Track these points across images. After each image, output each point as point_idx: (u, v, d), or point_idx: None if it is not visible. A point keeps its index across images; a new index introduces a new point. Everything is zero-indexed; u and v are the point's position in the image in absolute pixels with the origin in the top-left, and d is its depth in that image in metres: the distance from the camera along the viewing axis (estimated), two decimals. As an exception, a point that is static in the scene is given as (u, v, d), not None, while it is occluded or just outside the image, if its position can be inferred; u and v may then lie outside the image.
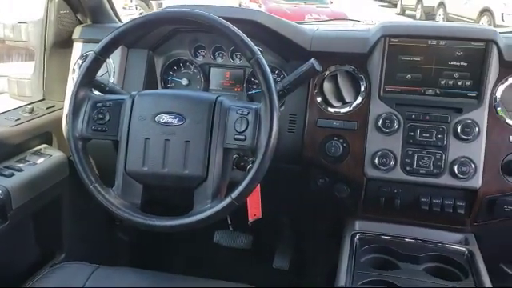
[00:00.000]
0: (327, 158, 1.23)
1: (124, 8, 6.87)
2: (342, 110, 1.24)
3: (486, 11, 8.53)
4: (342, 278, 1.04)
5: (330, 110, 1.25)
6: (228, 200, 0.98)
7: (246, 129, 1.01)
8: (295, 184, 1.34)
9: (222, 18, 1.01)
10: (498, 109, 1.15)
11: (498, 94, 1.15)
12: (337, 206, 1.30)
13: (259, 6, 8.04)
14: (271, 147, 0.98)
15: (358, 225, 1.26)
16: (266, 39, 1.31)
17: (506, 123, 1.14)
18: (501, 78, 1.15)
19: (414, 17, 11.32)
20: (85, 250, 1.58)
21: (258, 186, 1.19)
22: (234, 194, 0.98)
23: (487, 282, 1.03)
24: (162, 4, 6.83)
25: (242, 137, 1.01)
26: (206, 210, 1.00)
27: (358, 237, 1.20)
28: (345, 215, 1.30)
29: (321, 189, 1.28)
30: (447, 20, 9.68)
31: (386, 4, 13.97)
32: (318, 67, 1.10)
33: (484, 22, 8.50)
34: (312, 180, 1.29)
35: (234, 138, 1.02)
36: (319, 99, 1.26)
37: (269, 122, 0.98)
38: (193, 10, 1.00)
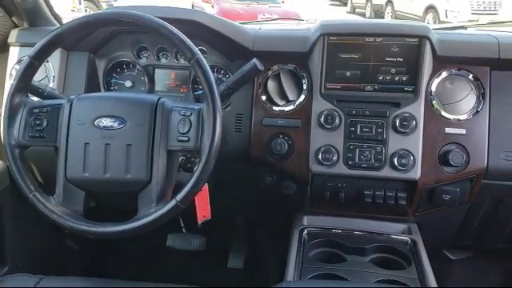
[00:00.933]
0: (273, 156, 1.24)
1: (73, 10, 6.66)
2: (286, 109, 1.26)
3: (430, 8, 8.88)
4: (290, 273, 1.06)
5: (275, 108, 1.26)
6: (173, 203, 0.98)
7: (188, 130, 1.01)
8: (245, 183, 1.35)
9: (160, 18, 1.00)
10: (434, 102, 1.19)
11: (433, 87, 1.20)
12: (285, 202, 1.32)
13: (212, 7, 8.02)
14: (215, 148, 0.98)
15: (306, 220, 1.28)
16: (209, 39, 1.31)
17: (441, 116, 1.19)
18: (435, 73, 1.20)
19: (364, 15, 11.61)
20: (31, 261, 1.52)
21: (206, 187, 1.20)
22: (179, 197, 0.98)
23: (428, 268, 1.07)
24: (112, 5, 6.68)
25: (186, 138, 1.01)
26: (151, 213, 0.98)
27: (305, 232, 1.22)
28: (293, 211, 1.32)
29: (269, 186, 1.29)
30: (395, 17, 9.99)
31: (337, 3, 14.27)
32: (261, 66, 1.11)
33: (430, 19, 8.85)
34: (260, 178, 1.30)
35: (178, 139, 1.01)
36: (264, 98, 1.27)
37: (212, 122, 0.98)
38: (128, 11, 0.98)
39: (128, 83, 1.41)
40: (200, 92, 1.39)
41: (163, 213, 0.97)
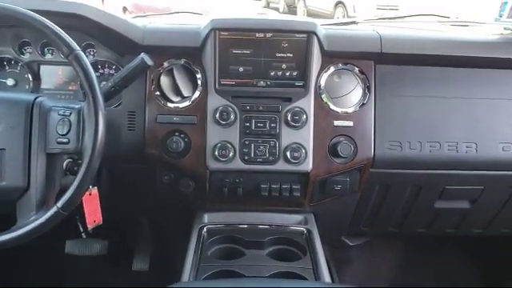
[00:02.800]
0: (170, 154, 1.22)
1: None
2: (181, 105, 1.23)
3: (339, 3, 9.23)
4: (186, 273, 1.04)
5: (170, 105, 1.23)
6: (54, 210, 0.92)
7: (68, 131, 0.95)
8: (142, 183, 1.30)
9: (38, 11, 0.93)
10: (323, 96, 1.23)
11: (322, 82, 1.23)
12: (185, 200, 1.30)
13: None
14: (98, 148, 0.94)
15: (206, 217, 1.27)
16: (97, 34, 1.24)
17: (330, 109, 1.23)
18: (323, 67, 1.24)
19: (278, 9, 11.82)
20: None
21: (95, 191, 1.14)
22: (61, 203, 0.92)
23: (321, 257, 1.11)
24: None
25: (65, 140, 0.95)
26: (30, 223, 0.92)
27: (205, 229, 1.21)
28: (194, 209, 1.30)
29: (167, 185, 1.26)
30: (307, 13, 10.28)
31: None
32: (149, 62, 1.08)
33: (339, 14, 9.20)
34: (157, 177, 1.26)
35: (57, 141, 0.95)
36: (157, 94, 1.23)
37: (93, 121, 0.93)
38: None
39: (10, 81, 1.30)
40: None
41: (43, 221, 0.91)
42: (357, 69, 1.24)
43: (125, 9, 8.49)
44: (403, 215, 1.42)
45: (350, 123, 1.23)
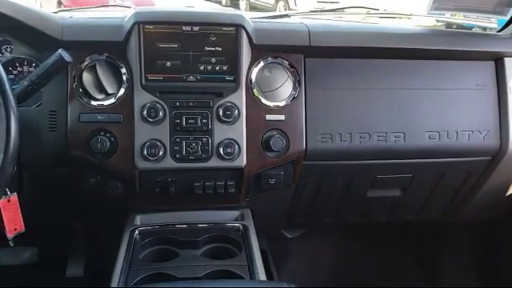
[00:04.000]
0: (95, 155, 1.16)
1: None
2: (106, 103, 1.17)
3: (281, -4, 9.29)
4: (115, 279, 1.00)
5: (93, 103, 1.17)
6: None
7: None
8: (68, 186, 1.24)
9: None
10: (254, 90, 1.22)
11: (253, 76, 1.22)
12: (115, 202, 1.25)
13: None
14: (11, 152, 0.87)
15: (138, 219, 1.23)
16: (12, 29, 1.16)
17: (262, 103, 1.22)
18: (254, 61, 1.22)
19: (220, 3, 11.72)
20: None
21: (15, 197, 1.07)
22: None
23: (257, 253, 1.10)
24: None
25: None
26: None
27: (137, 231, 1.17)
28: (125, 211, 1.25)
29: (94, 188, 1.21)
30: (249, 7, 10.25)
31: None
32: (68, 58, 1.02)
33: (281, 7, 9.26)
34: (83, 180, 1.20)
35: None
36: (80, 92, 1.17)
37: (5, 123, 0.86)
38: None
39: None
40: None
41: None
42: (286, 62, 1.24)
43: (60, 3, 8.11)
44: (338, 205, 1.44)
45: (282, 117, 1.22)
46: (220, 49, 1.18)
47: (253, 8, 9.91)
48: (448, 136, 1.28)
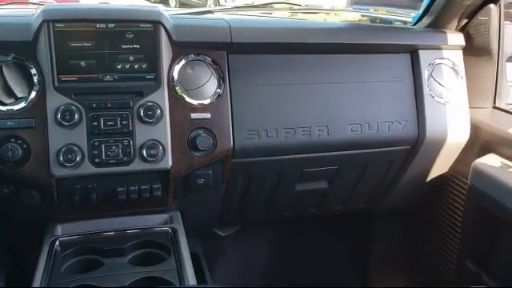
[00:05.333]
0: (5, 164, 1.07)
1: None
2: (16, 107, 1.09)
3: (211, -8, 9.20)
4: None
5: (2, 108, 1.08)
6: None
7: None
8: None
9: None
10: (177, 88, 1.18)
11: (175, 74, 1.18)
12: (33, 213, 1.16)
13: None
14: None
15: (59, 229, 1.16)
16: None
17: (186, 102, 1.19)
18: (175, 59, 1.18)
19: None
20: None
21: None
22: None
23: (186, 256, 1.08)
24: None
25: None
26: None
27: (58, 243, 1.10)
28: (47, 221, 1.17)
29: (7, 199, 1.12)
30: (179, 4, 10.06)
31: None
32: None
33: (210, 3, 9.18)
34: None
35: None
36: None
37: None
38: None
39: None
40: None
41: None
42: (209, 59, 1.22)
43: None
44: (268, 201, 1.45)
45: (208, 115, 1.20)
46: (138, 46, 1.13)
47: (182, 5, 9.74)
48: (369, 128, 1.32)
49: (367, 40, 1.35)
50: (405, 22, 1.89)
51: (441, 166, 1.48)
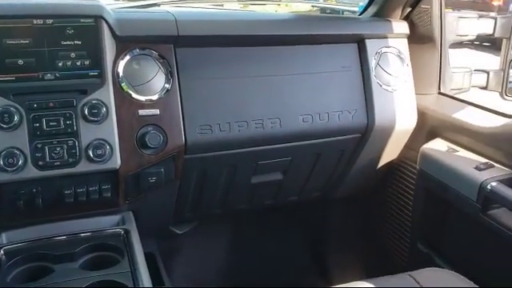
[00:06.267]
0: None
1: None
2: None
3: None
4: None
5: None
6: None
7: None
8: None
9: None
10: (123, 85, 1.14)
11: (120, 70, 1.14)
12: None
13: None
14: None
15: (4, 237, 1.09)
16: None
17: (133, 98, 1.15)
18: (119, 54, 1.14)
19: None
20: None
21: None
22: None
23: (140, 257, 1.05)
24: None
25: None
26: None
27: (2, 251, 1.04)
28: None
29: None
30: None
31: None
32: None
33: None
34: None
35: None
36: None
37: None
38: None
39: None
40: None
41: None
42: (156, 53, 1.18)
43: None
44: (224, 195, 1.43)
45: (157, 111, 1.17)
46: (79, 42, 1.08)
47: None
48: (320, 118, 1.33)
49: (315, 31, 1.36)
50: (354, 12, 1.92)
51: (391, 153, 1.52)
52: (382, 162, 1.54)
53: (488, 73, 1.53)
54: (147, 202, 1.26)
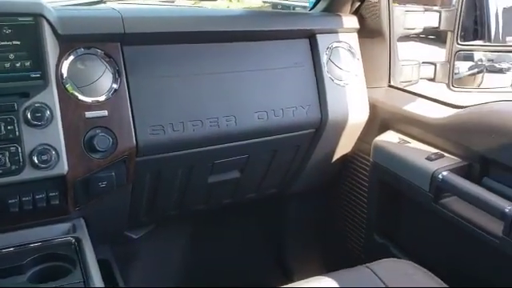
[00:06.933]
0: None
1: None
2: None
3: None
4: None
5: None
6: None
7: None
8: None
9: None
10: (68, 86, 1.08)
11: (64, 70, 1.08)
12: None
13: None
14: None
15: None
16: None
17: (79, 100, 1.09)
18: (63, 54, 1.08)
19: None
20: None
21: None
22: None
23: (93, 265, 1.01)
24: None
25: None
26: None
27: None
28: None
29: None
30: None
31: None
32: None
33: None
34: None
35: None
36: None
37: None
38: None
39: None
40: None
41: None
42: (101, 52, 1.13)
43: None
44: (180, 197, 1.40)
45: (105, 113, 1.12)
46: (18, 42, 1.01)
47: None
48: (275, 114, 1.32)
49: (266, 26, 1.35)
50: (305, 8, 1.93)
51: (344, 146, 1.53)
52: (336, 156, 1.55)
53: (435, 65, 1.57)
54: (99, 207, 1.21)
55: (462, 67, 1.55)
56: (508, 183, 1.11)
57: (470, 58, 1.56)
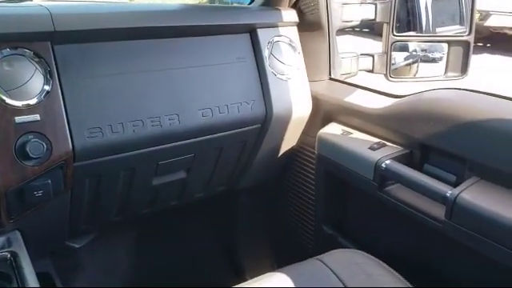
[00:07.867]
0: None
1: None
2: None
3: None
4: None
5: None
6: None
7: None
8: None
9: None
10: (-6, 90, 1.00)
11: None
12: None
13: None
14: None
15: None
16: None
17: (7, 104, 1.01)
18: None
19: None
20: None
21: None
22: None
23: (32, 279, 0.94)
24: None
25: None
26: None
27: None
28: None
29: None
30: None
31: None
32: None
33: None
34: None
35: None
36: None
37: None
38: None
39: None
40: None
41: None
42: (30, 52, 1.05)
43: None
44: (123, 202, 1.34)
45: (37, 117, 1.04)
46: None
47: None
48: (220, 111, 1.30)
49: (205, 21, 1.32)
50: (243, 2, 1.91)
51: (290, 140, 1.54)
52: (282, 150, 1.55)
53: (373, 56, 1.61)
54: (36, 218, 1.13)
55: (398, 58, 1.59)
56: (448, 168, 1.16)
57: (405, 48, 1.61)
